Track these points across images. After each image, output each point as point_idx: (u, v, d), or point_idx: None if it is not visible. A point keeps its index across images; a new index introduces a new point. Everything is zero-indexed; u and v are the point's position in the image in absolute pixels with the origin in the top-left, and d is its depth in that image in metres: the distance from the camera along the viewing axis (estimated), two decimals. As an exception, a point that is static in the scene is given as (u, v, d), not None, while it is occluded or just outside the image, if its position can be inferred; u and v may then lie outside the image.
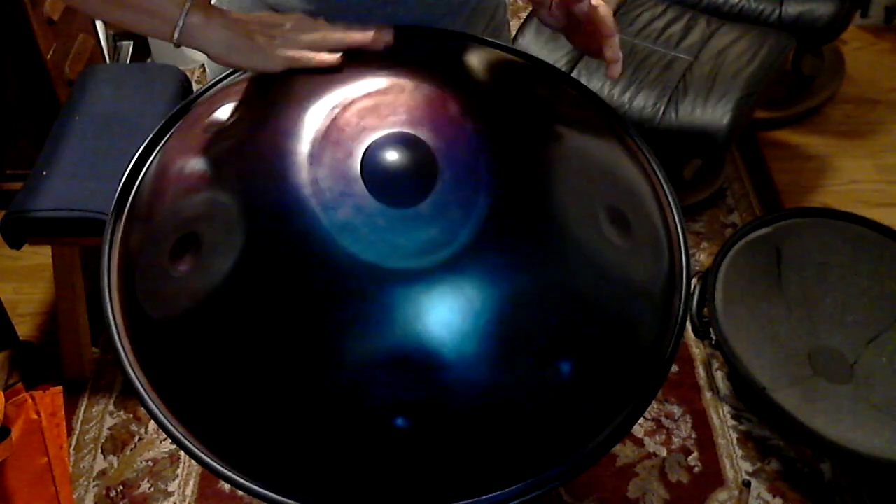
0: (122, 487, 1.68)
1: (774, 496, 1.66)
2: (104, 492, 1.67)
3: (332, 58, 0.79)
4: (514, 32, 2.23)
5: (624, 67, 2.09)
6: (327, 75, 0.78)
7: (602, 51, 0.82)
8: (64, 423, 1.47)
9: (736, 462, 1.71)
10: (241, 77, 0.85)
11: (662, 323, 0.75)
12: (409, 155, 0.71)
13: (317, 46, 0.80)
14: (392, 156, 0.70)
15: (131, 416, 1.80)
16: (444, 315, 0.64)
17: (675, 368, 1.86)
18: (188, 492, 1.67)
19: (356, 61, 0.80)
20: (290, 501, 0.67)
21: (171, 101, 1.89)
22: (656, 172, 0.84)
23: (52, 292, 1.94)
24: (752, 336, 1.70)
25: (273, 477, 0.67)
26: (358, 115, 0.73)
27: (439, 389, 0.64)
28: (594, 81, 2.00)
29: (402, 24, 0.85)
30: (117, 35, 2.67)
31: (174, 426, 0.69)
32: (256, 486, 0.67)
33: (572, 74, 2.01)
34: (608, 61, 0.82)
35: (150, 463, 1.71)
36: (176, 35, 0.77)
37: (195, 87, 2.23)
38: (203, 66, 2.72)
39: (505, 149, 0.73)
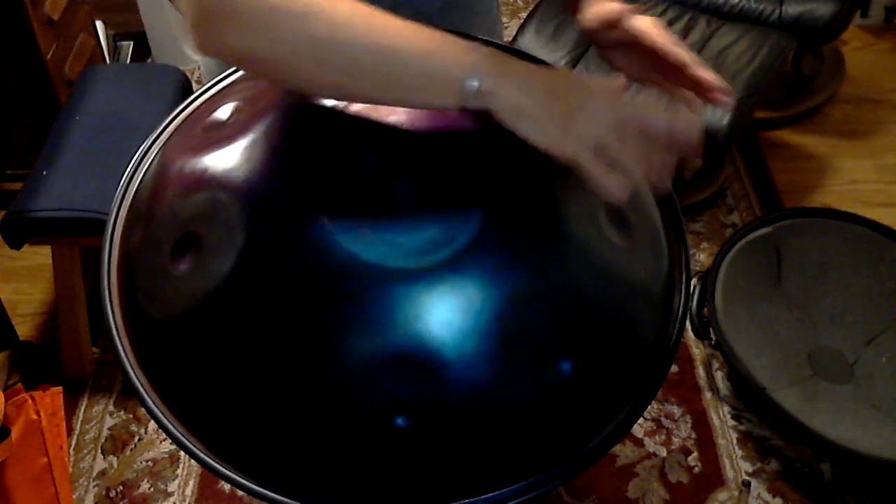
0: (122, 487, 1.68)
1: (774, 496, 1.66)
2: (104, 492, 1.67)
3: (623, 191, 0.63)
4: (514, 32, 2.23)
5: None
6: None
7: (695, 83, 0.71)
8: (64, 423, 1.47)
9: (736, 462, 1.71)
10: (241, 77, 0.85)
11: (662, 323, 0.75)
12: (409, 154, 0.71)
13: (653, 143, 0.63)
14: (392, 155, 0.70)
15: (131, 416, 1.80)
16: (444, 314, 0.64)
17: (675, 368, 1.86)
18: (188, 492, 1.67)
19: None
20: (290, 501, 0.66)
21: (171, 101, 1.90)
22: (656, 172, 0.84)
23: (52, 292, 1.94)
24: (752, 336, 1.70)
25: (273, 476, 0.67)
26: (358, 115, 0.73)
27: (439, 388, 0.64)
28: (594, 81, 2.00)
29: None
30: (117, 35, 2.68)
31: (174, 426, 0.69)
32: (256, 485, 0.67)
33: (572, 74, 2.00)
34: (707, 90, 0.71)
35: (150, 463, 1.72)
36: (467, 103, 0.63)
37: (195, 87, 2.23)
38: (203, 66, 2.72)
39: (505, 148, 0.73)
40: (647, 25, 0.77)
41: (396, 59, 0.61)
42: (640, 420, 1.26)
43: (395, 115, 0.73)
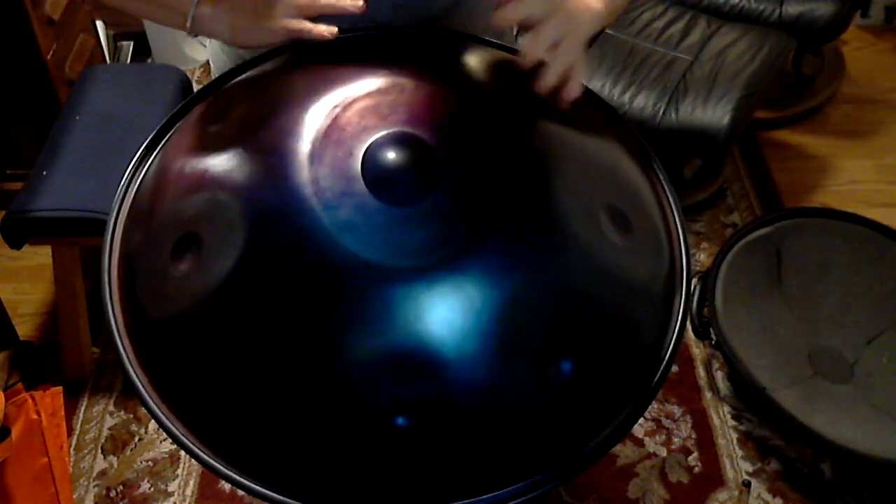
0: (122, 487, 1.68)
1: (774, 496, 1.66)
2: (104, 492, 1.67)
3: (327, 31, 0.81)
4: (514, 32, 2.23)
5: (624, 67, 2.09)
6: (328, 75, 0.78)
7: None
8: (64, 423, 1.47)
9: (736, 462, 1.71)
10: (242, 77, 0.85)
11: (662, 323, 0.75)
12: (409, 154, 0.71)
13: (307, 10, 0.82)
14: (393, 155, 0.70)
15: (131, 416, 1.80)
16: (444, 314, 0.64)
17: (675, 368, 1.86)
18: (188, 492, 1.67)
19: (357, 61, 0.80)
20: (290, 501, 0.67)
21: (171, 101, 1.89)
22: (656, 172, 0.84)
23: (52, 292, 1.94)
24: (752, 336, 1.70)
25: (273, 476, 0.67)
26: (359, 115, 0.73)
27: (440, 388, 0.64)
28: (594, 81, 2.01)
29: (403, 20, 0.85)
30: (117, 35, 2.67)
31: (175, 426, 0.69)
32: (257, 485, 0.67)
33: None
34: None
35: (150, 463, 1.72)
36: (188, 24, 0.84)
37: (195, 87, 2.23)
38: (203, 66, 2.72)
39: (506, 148, 0.73)
40: None
41: None
42: (641, 420, 1.25)
43: (396, 115, 0.73)
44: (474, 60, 0.85)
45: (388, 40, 0.86)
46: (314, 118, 0.73)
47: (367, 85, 0.75)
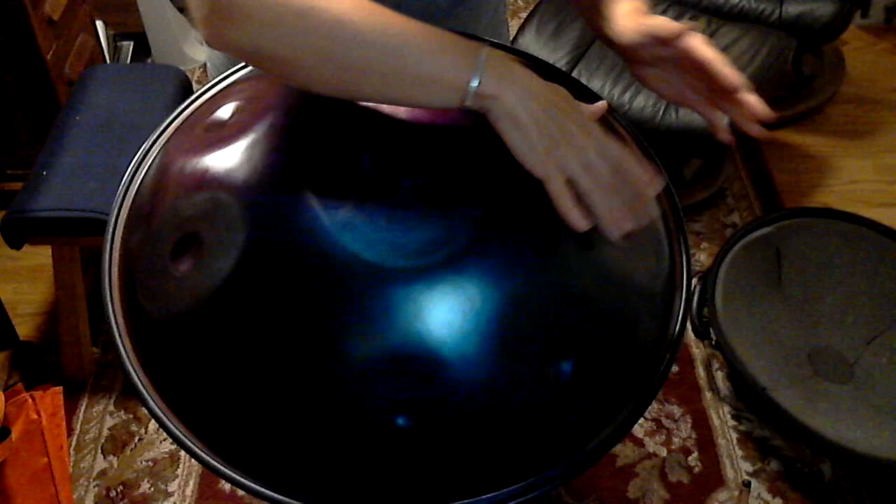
0: (122, 487, 1.68)
1: (774, 496, 1.66)
2: (104, 492, 1.67)
3: (583, 224, 0.65)
4: (514, 32, 2.23)
5: (624, 67, 2.09)
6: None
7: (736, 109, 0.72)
8: (64, 423, 1.47)
9: (736, 462, 1.71)
10: (242, 76, 0.85)
11: (662, 323, 0.75)
12: (410, 154, 0.71)
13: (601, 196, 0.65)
14: (393, 155, 0.70)
15: (131, 416, 1.80)
16: (444, 314, 0.64)
17: (675, 368, 1.86)
18: (188, 492, 1.67)
19: None
20: (290, 501, 0.67)
21: (171, 101, 1.90)
22: (656, 172, 0.84)
23: (52, 292, 1.95)
24: (752, 336, 1.70)
25: (274, 476, 0.67)
26: (359, 114, 0.73)
27: (440, 389, 0.64)
28: (594, 81, 2.00)
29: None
30: (117, 35, 2.68)
31: (175, 426, 0.69)
32: (257, 485, 0.67)
33: (573, 74, 2.01)
34: (749, 116, 0.72)
35: (150, 463, 1.72)
36: (466, 103, 0.64)
37: (195, 87, 2.23)
38: (202, 66, 2.72)
39: (506, 148, 0.73)
40: (700, 44, 0.75)
41: (397, 57, 0.62)
42: (641, 420, 1.25)
43: (396, 115, 0.73)
44: None
45: None
46: (314, 118, 0.73)
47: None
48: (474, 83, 0.62)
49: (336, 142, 0.72)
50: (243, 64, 0.86)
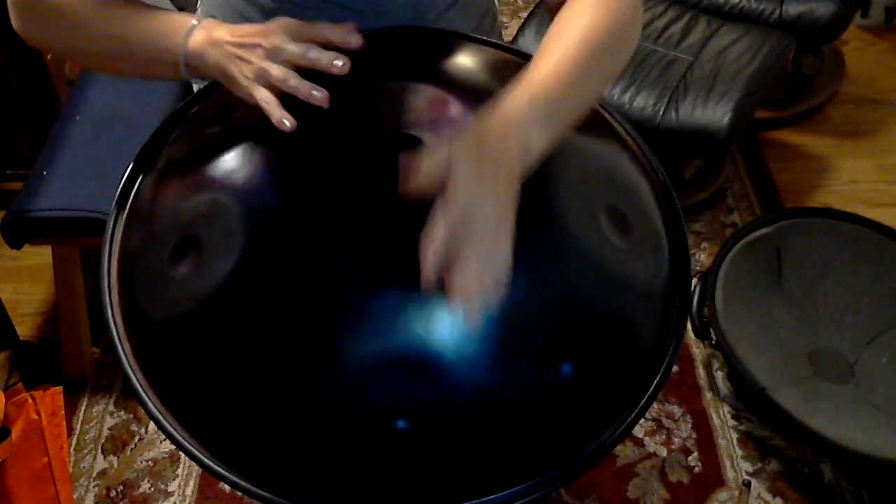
0: (122, 487, 1.68)
1: (774, 496, 1.66)
2: (104, 492, 1.67)
3: (283, 117, 0.71)
4: (514, 32, 2.23)
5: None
6: (327, 76, 0.78)
7: None
8: (64, 423, 1.47)
9: (736, 462, 1.71)
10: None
11: (662, 323, 0.75)
12: (410, 155, 0.70)
13: (282, 77, 0.72)
14: (392, 157, 0.70)
15: (131, 416, 1.80)
16: (444, 316, 0.64)
17: (675, 368, 1.86)
18: (188, 492, 1.67)
19: (353, 62, 0.79)
20: (291, 503, 0.66)
21: (171, 101, 1.89)
22: (656, 172, 0.84)
23: (52, 292, 1.94)
24: (752, 336, 1.70)
25: (273, 479, 0.67)
26: (356, 115, 0.73)
27: (440, 391, 0.64)
28: (594, 81, 2.00)
29: (397, 20, 0.85)
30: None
31: (174, 427, 0.69)
32: (256, 488, 0.67)
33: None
34: None
35: (150, 463, 1.71)
36: (183, 73, 0.77)
37: (195, 87, 2.23)
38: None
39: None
40: None
41: (129, 46, 0.78)
42: (641, 420, 1.25)
43: (392, 117, 0.73)
44: (475, 61, 0.85)
45: (382, 41, 0.86)
46: (314, 119, 0.73)
47: (362, 86, 0.75)
48: (181, 59, 0.76)
49: (336, 142, 0.72)
50: None
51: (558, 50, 0.72)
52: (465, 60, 0.85)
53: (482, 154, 0.64)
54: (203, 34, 0.76)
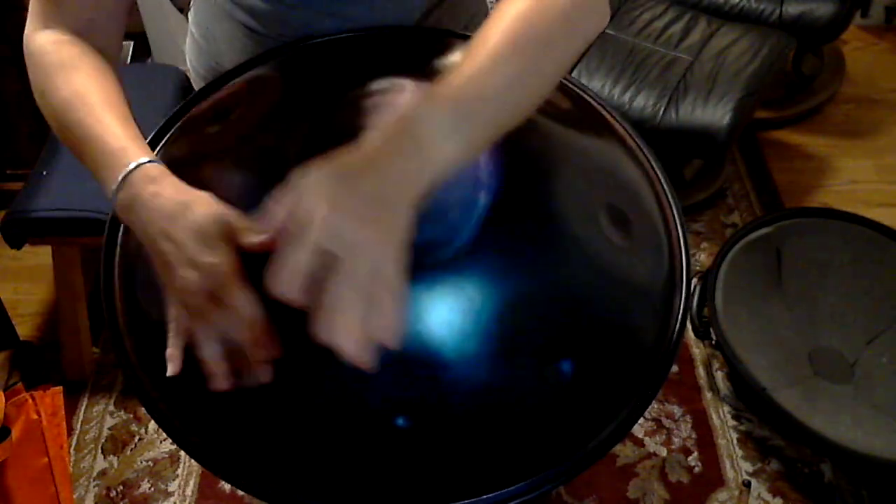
0: (122, 487, 1.68)
1: (774, 496, 1.66)
2: (104, 492, 1.67)
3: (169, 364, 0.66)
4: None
5: (624, 67, 2.10)
6: (325, 77, 0.78)
7: None
8: (64, 423, 1.47)
9: (736, 462, 1.71)
10: (241, 77, 0.85)
11: (662, 323, 0.75)
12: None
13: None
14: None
15: (131, 416, 1.80)
16: (444, 314, 0.64)
17: (675, 368, 1.86)
18: (188, 492, 1.67)
19: (348, 63, 0.80)
20: (290, 501, 0.66)
21: (171, 101, 1.89)
22: (656, 172, 0.84)
23: (52, 292, 1.94)
24: (752, 336, 1.70)
25: (273, 476, 0.67)
26: (355, 116, 0.73)
27: (440, 389, 0.64)
28: (594, 82, 2.00)
29: (390, 22, 0.85)
30: (117, 35, 2.67)
31: (175, 426, 0.69)
32: (257, 486, 0.67)
33: (572, 74, 2.01)
34: None
35: (150, 463, 1.71)
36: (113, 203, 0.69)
37: (195, 87, 2.23)
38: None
39: (505, 148, 0.73)
40: None
41: (82, 151, 0.73)
42: (641, 420, 1.25)
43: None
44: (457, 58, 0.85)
45: (374, 41, 0.86)
46: (314, 119, 0.73)
47: (358, 86, 0.75)
48: (113, 200, 0.68)
49: (336, 143, 0.72)
50: (242, 65, 0.86)
51: (481, 44, 0.63)
52: (454, 59, 0.85)
53: (352, 182, 0.56)
54: (129, 196, 0.66)
